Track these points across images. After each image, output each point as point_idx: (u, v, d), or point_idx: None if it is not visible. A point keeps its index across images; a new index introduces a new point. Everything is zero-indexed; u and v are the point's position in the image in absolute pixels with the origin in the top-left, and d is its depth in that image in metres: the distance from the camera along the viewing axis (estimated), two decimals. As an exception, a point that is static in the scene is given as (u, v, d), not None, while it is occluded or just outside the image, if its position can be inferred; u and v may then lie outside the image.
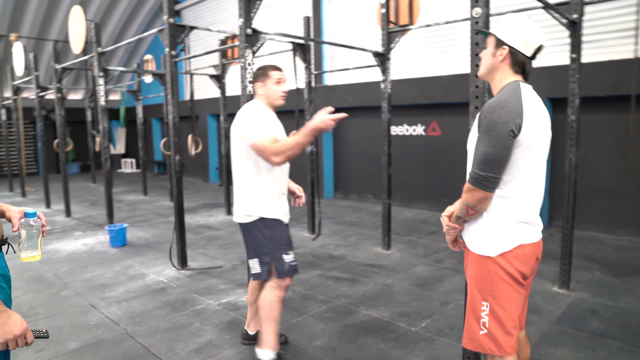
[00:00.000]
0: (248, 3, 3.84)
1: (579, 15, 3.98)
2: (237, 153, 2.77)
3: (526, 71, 1.88)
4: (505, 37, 1.86)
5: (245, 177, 2.76)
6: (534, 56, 1.87)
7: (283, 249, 2.81)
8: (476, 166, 1.76)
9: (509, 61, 1.87)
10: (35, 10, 12.74)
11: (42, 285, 4.49)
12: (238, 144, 2.74)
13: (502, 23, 1.90)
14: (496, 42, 1.90)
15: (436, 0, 7.81)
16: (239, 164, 2.78)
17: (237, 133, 2.72)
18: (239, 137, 2.71)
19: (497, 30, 1.90)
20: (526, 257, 1.82)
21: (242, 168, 2.76)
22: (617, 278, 4.51)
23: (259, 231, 2.77)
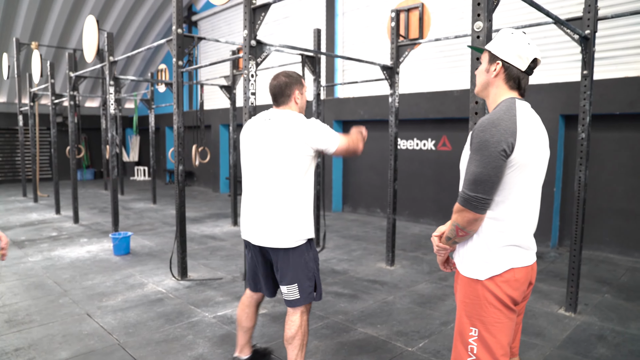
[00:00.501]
0: (253, 15, 3.83)
1: (591, 31, 3.89)
2: (285, 167, 2.47)
3: (522, 86, 1.80)
4: (499, 51, 1.79)
5: (294, 194, 2.49)
6: (530, 71, 1.80)
7: (318, 269, 2.69)
8: (466, 186, 1.69)
9: (503, 76, 1.80)
10: (57, 20, 13.02)
11: (41, 292, 4.48)
12: (292, 157, 2.46)
13: (495, 38, 1.83)
14: (490, 58, 1.83)
15: (448, 14, 7.77)
16: (285, 180, 2.47)
17: (302, 144, 2.46)
18: (303, 149, 2.47)
19: (490, 46, 1.83)
20: (517, 281, 1.73)
21: (290, 184, 2.48)
22: (628, 302, 4.34)
23: (307, 254, 2.56)
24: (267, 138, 2.53)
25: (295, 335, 2.59)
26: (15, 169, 15.51)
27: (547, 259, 5.88)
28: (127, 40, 14.87)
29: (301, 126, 2.49)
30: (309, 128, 2.49)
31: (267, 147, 2.51)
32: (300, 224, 2.51)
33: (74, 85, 7.94)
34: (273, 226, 2.50)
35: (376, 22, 8.93)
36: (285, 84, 2.61)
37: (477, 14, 2.39)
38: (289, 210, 2.49)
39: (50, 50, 13.93)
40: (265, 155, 2.52)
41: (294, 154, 2.46)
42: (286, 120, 2.53)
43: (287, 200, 2.48)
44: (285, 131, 2.48)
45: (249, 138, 2.63)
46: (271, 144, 2.50)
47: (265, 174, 2.52)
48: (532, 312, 4.05)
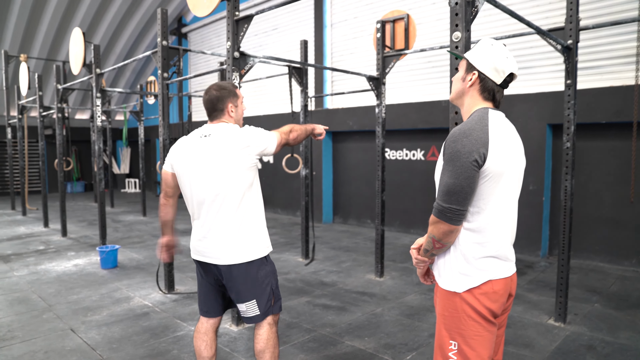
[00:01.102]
0: (236, 26, 3.83)
1: (573, 41, 3.92)
2: (231, 181, 2.37)
3: (496, 99, 1.80)
4: (476, 62, 1.79)
5: (242, 209, 2.41)
6: (506, 85, 1.79)
7: (277, 282, 2.61)
8: (440, 197, 1.67)
9: (478, 87, 1.79)
10: (46, 32, 12.98)
11: (25, 307, 4.40)
12: (235, 170, 2.37)
13: (475, 47, 1.82)
14: (467, 67, 1.83)
15: (434, 25, 7.83)
16: (231, 196, 2.38)
17: (242, 154, 2.38)
18: (245, 159, 2.39)
19: (469, 54, 1.83)
20: (496, 294, 1.71)
21: (236, 199, 2.39)
22: (618, 311, 4.33)
23: (262, 267, 2.48)
24: (205, 155, 2.41)
25: (265, 349, 2.52)
26: (4, 182, 15.36)
27: (537, 269, 5.87)
28: (117, 53, 14.85)
29: (237, 136, 2.41)
30: (244, 135, 2.42)
31: (207, 165, 2.40)
32: (251, 238, 2.44)
33: (62, 97, 7.90)
34: (224, 243, 2.41)
35: (364, 34, 8.98)
36: (217, 97, 2.51)
37: (455, 24, 2.40)
38: (238, 226, 2.41)
39: (39, 63, 13.88)
40: (206, 173, 2.40)
41: (236, 167, 2.38)
42: (222, 134, 2.43)
43: (235, 216, 2.40)
44: (223, 145, 2.39)
45: (185, 158, 2.49)
46: (210, 160, 2.39)
47: (209, 193, 2.40)
48: (521, 323, 4.02)
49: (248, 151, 2.40)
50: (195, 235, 2.54)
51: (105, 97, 6.61)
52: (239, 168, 2.38)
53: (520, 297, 4.69)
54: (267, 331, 2.53)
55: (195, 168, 2.44)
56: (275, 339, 2.57)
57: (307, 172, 6.29)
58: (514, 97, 6.58)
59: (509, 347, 3.52)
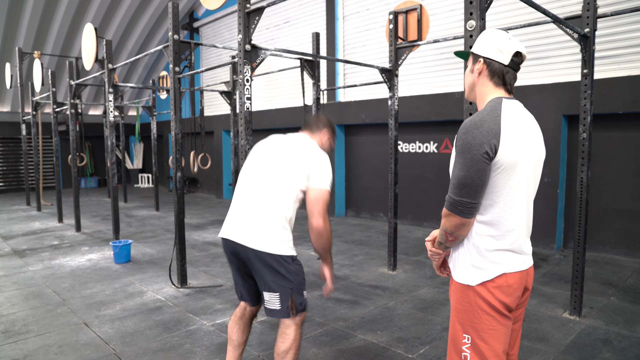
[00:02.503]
0: (247, 19, 3.80)
1: (590, 29, 3.83)
2: (284, 180, 2.50)
3: (506, 81, 1.74)
4: (479, 49, 1.77)
5: (284, 208, 2.49)
6: (516, 66, 1.74)
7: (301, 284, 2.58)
8: (451, 190, 1.64)
9: (486, 73, 1.75)
10: (59, 29, 13.09)
11: (40, 302, 4.45)
12: (294, 175, 2.51)
13: (477, 38, 1.80)
14: (473, 58, 1.81)
15: (447, 15, 7.72)
16: (280, 191, 2.49)
17: (303, 168, 2.52)
18: (304, 173, 2.52)
19: (473, 47, 1.80)
20: (510, 287, 1.67)
21: (282, 197, 2.49)
22: (634, 304, 4.25)
23: (287, 266, 2.49)
24: (282, 150, 2.61)
25: (289, 350, 2.50)
26: (19, 178, 15.57)
27: (552, 262, 5.79)
28: (129, 48, 14.92)
29: (314, 155, 2.59)
30: (311, 156, 2.58)
31: (278, 159, 2.57)
32: (282, 235, 2.47)
33: (75, 93, 7.96)
34: (259, 229, 2.45)
35: (376, 25, 8.89)
36: (322, 121, 2.84)
37: (469, 13, 2.34)
38: (277, 220, 2.47)
39: (53, 59, 14.00)
40: (273, 165, 2.56)
41: (295, 174, 2.52)
42: (305, 143, 2.66)
43: (278, 211, 2.47)
44: (299, 151, 2.59)
45: (265, 146, 2.70)
46: (283, 157, 2.57)
47: (265, 182, 2.53)
48: (535, 317, 3.97)
49: (305, 171, 2.53)
50: (235, 214, 2.57)
51: (118, 93, 6.63)
52: (295, 178, 2.52)
53: (534, 291, 4.63)
54: (294, 332, 2.52)
55: (265, 157, 2.62)
56: (299, 342, 2.56)
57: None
58: (529, 87, 6.48)
59: (524, 340, 3.47)
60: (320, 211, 2.52)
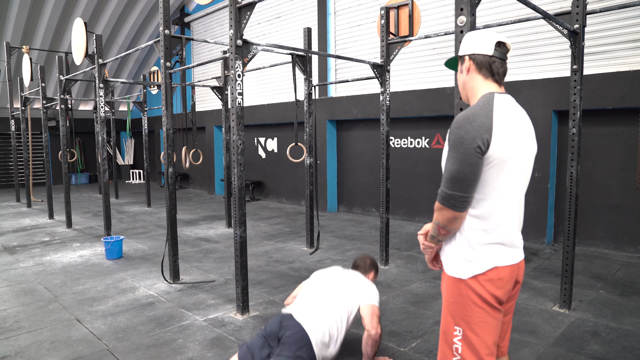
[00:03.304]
0: (238, 14, 3.79)
1: (580, 26, 3.86)
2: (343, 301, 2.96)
3: (494, 71, 1.76)
4: (463, 49, 1.83)
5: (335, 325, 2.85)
6: (502, 56, 1.76)
7: None
8: (444, 184, 1.66)
9: (474, 67, 1.79)
10: (48, 23, 12.94)
11: (31, 298, 4.43)
12: (349, 299, 2.97)
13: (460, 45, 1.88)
14: (460, 61, 1.86)
15: (438, 11, 7.74)
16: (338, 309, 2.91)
17: (357, 292, 3.02)
18: (356, 297, 2.99)
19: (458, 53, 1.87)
20: (501, 280, 1.69)
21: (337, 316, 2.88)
22: (622, 297, 4.32)
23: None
24: (344, 277, 3.18)
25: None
26: (9, 174, 15.42)
27: (542, 256, 5.85)
28: (120, 43, 14.80)
29: (365, 282, 3.14)
30: (368, 283, 3.13)
31: (342, 283, 3.11)
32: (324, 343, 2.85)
33: (65, 88, 7.89)
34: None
35: (368, 21, 8.89)
36: (369, 264, 3.39)
37: (460, 8, 2.36)
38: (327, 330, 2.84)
39: (42, 54, 13.85)
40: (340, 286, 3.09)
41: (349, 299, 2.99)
42: (359, 277, 3.21)
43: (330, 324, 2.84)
44: (355, 281, 3.14)
45: (331, 273, 3.28)
46: (345, 282, 3.11)
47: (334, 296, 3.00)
48: (526, 310, 4.02)
49: (358, 296, 3.01)
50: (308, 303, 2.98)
51: (108, 88, 6.59)
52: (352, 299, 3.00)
53: (525, 284, 4.68)
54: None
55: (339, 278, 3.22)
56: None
57: (312, 161, 6.27)
58: (519, 83, 6.52)
59: (514, 333, 3.51)
60: (378, 321, 2.92)
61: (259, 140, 11.68)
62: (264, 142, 11.55)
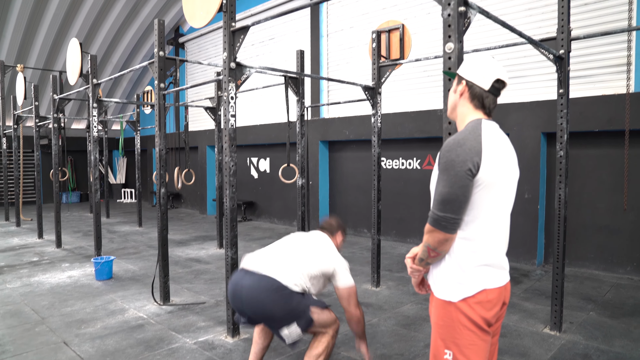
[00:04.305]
0: (232, 37, 3.85)
1: (565, 51, 3.96)
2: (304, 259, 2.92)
3: (486, 105, 1.82)
4: (464, 72, 1.85)
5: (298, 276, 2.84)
6: (496, 91, 1.82)
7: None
8: (435, 206, 1.69)
9: (467, 95, 1.83)
10: (43, 42, 13.01)
11: (17, 320, 4.37)
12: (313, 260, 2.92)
13: (464, 60, 1.87)
14: (457, 79, 1.88)
15: (429, 34, 7.88)
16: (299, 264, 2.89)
17: (322, 261, 2.94)
18: (322, 265, 2.93)
19: (459, 68, 1.87)
20: (490, 302, 1.71)
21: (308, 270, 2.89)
22: (612, 319, 4.33)
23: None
24: (308, 240, 3.15)
25: (322, 354, 2.75)
26: (-1, 193, 15.28)
27: (533, 277, 5.87)
28: (114, 62, 14.88)
29: (333, 254, 3.04)
30: (337, 258, 3.03)
31: (303, 244, 3.08)
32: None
33: (58, 107, 7.90)
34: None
35: (360, 43, 9.03)
36: (337, 225, 3.40)
37: (448, 35, 2.42)
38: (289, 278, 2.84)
39: (36, 73, 13.88)
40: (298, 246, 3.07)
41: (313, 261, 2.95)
42: (326, 242, 3.13)
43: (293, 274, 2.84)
44: (321, 246, 3.07)
45: (295, 235, 3.33)
46: (308, 244, 3.09)
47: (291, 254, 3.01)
48: (517, 332, 4.02)
49: (325, 269, 2.98)
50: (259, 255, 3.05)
51: (102, 108, 6.61)
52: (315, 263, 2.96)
53: (516, 306, 4.68)
54: (328, 339, 2.87)
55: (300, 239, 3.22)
56: (332, 349, 2.91)
57: (304, 182, 6.29)
58: (508, 105, 6.62)
59: (505, 356, 3.51)
60: (355, 304, 2.95)
61: (252, 160, 11.71)
62: (257, 162, 11.58)
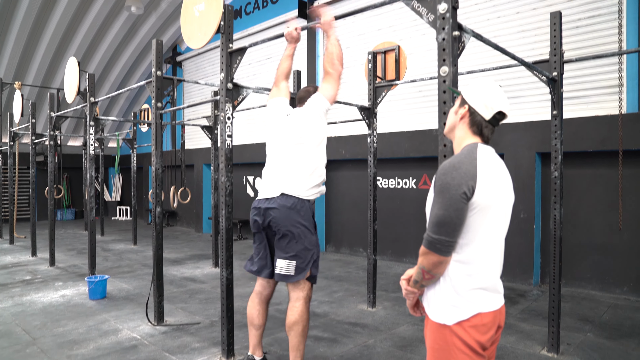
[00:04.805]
0: (230, 58, 3.89)
1: (558, 73, 4.02)
2: (305, 139, 3.19)
3: (484, 134, 1.85)
4: (468, 97, 1.87)
5: (312, 161, 3.17)
6: (496, 122, 1.85)
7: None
8: (430, 229, 1.70)
9: (467, 120, 1.85)
10: (41, 60, 13.09)
11: (7, 341, 4.30)
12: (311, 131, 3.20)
13: (471, 83, 1.90)
14: (461, 101, 1.91)
15: (424, 55, 7.99)
16: (303, 149, 3.15)
17: (316, 111, 3.21)
18: (318, 115, 3.22)
19: (464, 89, 1.91)
20: (485, 326, 1.71)
21: (305, 152, 3.15)
22: (610, 340, 4.31)
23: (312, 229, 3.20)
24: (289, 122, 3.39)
25: (298, 321, 2.86)
26: (-7, 210, 15.18)
27: (530, 297, 5.85)
28: (112, 80, 14.96)
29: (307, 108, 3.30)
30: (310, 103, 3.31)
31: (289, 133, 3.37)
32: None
33: (55, 124, 7.91)
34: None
35: (356, 63, 9.13)
36: (310, 90, 3.47)
37: (442, 59, 2.45)
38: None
39: (33, 90, 13.93)
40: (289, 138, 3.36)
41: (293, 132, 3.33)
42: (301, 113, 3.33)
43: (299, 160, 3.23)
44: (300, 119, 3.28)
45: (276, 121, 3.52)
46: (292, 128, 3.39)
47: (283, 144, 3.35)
48: (514, 354, 3.99)
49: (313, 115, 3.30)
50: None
51: (99, 126, 6.63)
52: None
53: (512, 327, 4.66)
54: (302, 305, 2.97)
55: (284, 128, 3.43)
56: (308, 315, 2.99)
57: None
58: (503, 126, 6.65)
59: (502, 379, 3.48)
60: (339, 75, 3.54)
61: (248, 179, 11.71)
62: (253, 181, 11.58)
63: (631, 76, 5.88)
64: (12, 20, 11.91)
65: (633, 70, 5.86)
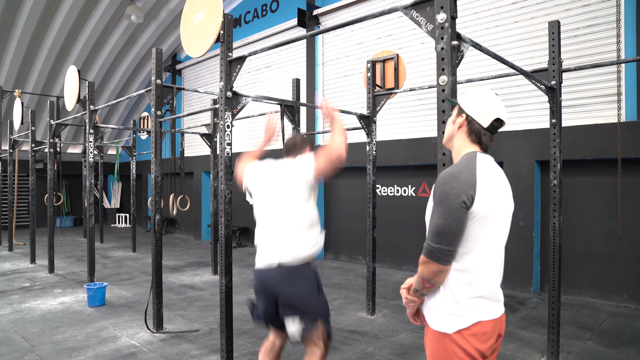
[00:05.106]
0: (229, 67, 3.91)
1: (557, 82, 4.04)
2: (293, 196, 2.89)
3: (482, 142, 1.86)
4: (465, 105, 1.88)
5: (305, 217, 2.92)
6: (494, 129, 1.86)
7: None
8: (430, 238, 1.71)
9: (465, 129, 1.86)
10: (41, 68, 13.14)
11: (6, 348, 4.29)
12: (298, 189, 2.89)
13: (467, 92, 1.92)
14: (458, 110, 1.92)
15: (423, 64, 8.02)
16: (293, 207, 2.88)
17: (301, 175, 2.89)
18: (303, 179, 2.89)
19: (461, 99, 1.92)
20: (485, 335, 1.71)
21: (296, 210, 2.88)
22: (610, 348, 4.30)
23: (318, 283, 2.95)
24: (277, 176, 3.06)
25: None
26: (-8, 217, 15.16)
27: (529, 305, 5.84)
28: (111, 88, 15.01)
29: (299, 165, 2.96)
30: (302, 161, 2.95)
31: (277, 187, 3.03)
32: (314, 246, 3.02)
33: (55, 132, 7.93)
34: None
35: (355, 72, 9.17)
36: (301, 142, 3.12)
37: (441, 69, 2.47)
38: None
39: (33, 98, 13.97)
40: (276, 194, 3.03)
41: (298, 186, 2.94)
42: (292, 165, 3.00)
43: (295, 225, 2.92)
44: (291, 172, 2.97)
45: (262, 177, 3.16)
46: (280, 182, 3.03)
47: (276, 204, 2.99)
48: (513, 362, 3.98)
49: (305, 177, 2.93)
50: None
51: (99, 134, 6.64)
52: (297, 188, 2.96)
53: (512, 335, 4.65)
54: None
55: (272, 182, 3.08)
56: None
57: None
58: (502, 134, 6.70)
59: (502, 387, 3.47)
60: (339, 157, 2.99)
61: (247, 185, 11.69)
62: (252, 188, 11.56)
63: (630, 84, 5.92)
64: (13, 28, 11.96)
65: (631, 78, 5.90)
